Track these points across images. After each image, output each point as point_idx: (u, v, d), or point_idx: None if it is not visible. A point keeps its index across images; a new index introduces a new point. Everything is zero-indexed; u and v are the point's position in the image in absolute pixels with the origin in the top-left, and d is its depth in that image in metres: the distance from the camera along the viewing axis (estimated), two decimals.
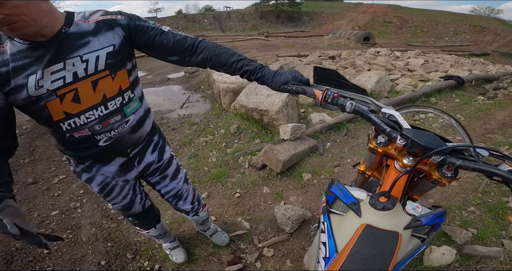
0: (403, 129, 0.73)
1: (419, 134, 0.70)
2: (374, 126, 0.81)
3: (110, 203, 1.20)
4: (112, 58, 0.86)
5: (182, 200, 1.37)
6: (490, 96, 4.81)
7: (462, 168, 0.66)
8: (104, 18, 0.86)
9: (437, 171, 0.75)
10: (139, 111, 1.01)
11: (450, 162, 0.67)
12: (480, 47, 15.36)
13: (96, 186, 1.10)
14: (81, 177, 1.09)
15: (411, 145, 0.71)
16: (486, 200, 2.10)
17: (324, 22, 25.32)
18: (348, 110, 0.84)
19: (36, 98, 0.78)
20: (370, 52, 8.24)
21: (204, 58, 0.96)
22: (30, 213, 2.13)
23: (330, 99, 0.86)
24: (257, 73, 0.93)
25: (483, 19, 23.73)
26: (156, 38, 0.91)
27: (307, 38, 16.11)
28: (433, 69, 6.09)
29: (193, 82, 5.48)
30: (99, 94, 0.86)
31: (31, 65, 0.76)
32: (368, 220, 0.72)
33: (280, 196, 2.17)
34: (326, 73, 0.92)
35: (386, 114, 0.81)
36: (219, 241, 1.73)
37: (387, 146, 0.82)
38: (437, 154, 0.68)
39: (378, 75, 4.30)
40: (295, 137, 2.54)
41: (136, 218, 1.35)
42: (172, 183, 1.29)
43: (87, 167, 1.04)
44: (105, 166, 1.05)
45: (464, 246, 1.65)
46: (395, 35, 20.59)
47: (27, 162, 2.85)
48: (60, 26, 0.79)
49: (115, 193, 1.15)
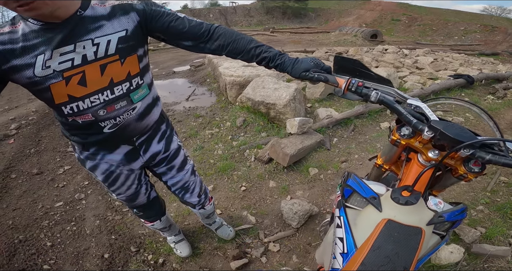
0: (432, 121, 0.70)
1: (449, 126, 0.67)
2: (399, 117, 0.77)
3: (114, 193, 1.18)
4: (123, 43, 0.84)
5: (189, 192, 1.34)
6: (499, 95, 4.74)
7: (491, 163, 0.63)
8: (120, 3, 0.85)
9: (463, 165, 0.72)
10: (147, 98, 0.98)
11: (480, 156, 0.64)
12: (490, 47, 15.13)
13: (100, 174, 1.08)
14: (85, 165, 1.07)
15: (440, 137, 0.68)
16: (494, 199, 2.07)
17: (331, 19, 25.06)
18: (373, 99, 0.80)
19: (40, 78, 0.76)
20: (377, 49, 8.13)
21: (221, 44, 0.93)
22: (34, 204, 2.12)
23: (354, 88, 0.82)
24: (276, 59, 0.90)
25: (494, 18, 23.34)
26: (171, 23, 0.90)
27: (313, 34, 15.98)
28: (442, 67, 6.00)
29: (199, 75, 5.45)
30: (107, 78, 0.84)
31: (40, 45, 0.75)
32: (389, 215, 0.69)
33: (286, 190, 2.14)
34: (347, 63, 0.88)
35: (412, 105, 0.77)
36: (225, 235, 1.71)
37: (411, 138, 0.78)
38: (467, 148, 0.65)
39: (386, 71, 4.24)
40: (302, 132, 2.50)
41: (140, 209, 1.32)
42: (179, 174, 1.26)
43: (92, 154, 1.02)
44: (110, 154, 1.03)
45: (472, 244, 1.64)
46: (403, 33, 20.34)
47: (32, 152, 2.84)
48: (76, 9, 0.78)
49: (120, 182, 1.13)
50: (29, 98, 4.69)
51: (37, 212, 2.03)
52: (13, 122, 3.55)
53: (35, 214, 2.01)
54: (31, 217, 1.99)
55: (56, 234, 1.85)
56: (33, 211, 2.05)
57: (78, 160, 1.08)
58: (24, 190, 2.28)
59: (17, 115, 3.78)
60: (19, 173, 2.51)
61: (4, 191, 2.28)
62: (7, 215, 2.02)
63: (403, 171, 0.83)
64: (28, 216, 2.00)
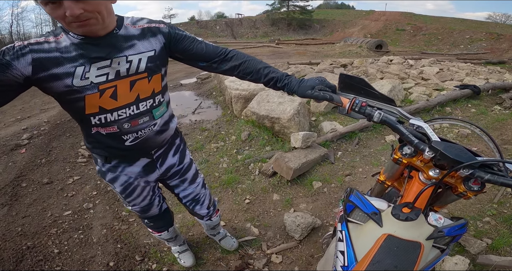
0: (433, 141, 0.73)
1: (449, 147, 0.70)
2: (401, 137, 0.80)
3: (130, 204, 1.23)
4: (151, 62, 0.92)
5: (199, 204, 1.40)
6: (506, 105, 4.68)
7: (490, 182, 0.66)
8: (149, 26, 0.94)
9: (463, 184, 0.74)
10: (165, 115, 1.06)
11: (479, 176, 0.67)
12: (497, 55, 14.97)
13: (119, 186, 1.13)
14: (105, 177, 1.12)
15: (440, 157, 0.70)
16: (501, 211, 2.05)
17: (336, 30, 25.35)
18: (376, 120, 0.83)
19: (78, 88, 0.83)
20: (382, 60, 8.16)
21: (234, 65, 1.02)
22: (43, 212, 2.19)
23: (357, 108, 0.85)
24: (283, 80, 0.96)
25: (499, 26, 23.21)
26: (191, 46, 0.99)
27: (318, 46, 16.15)
28: (448, 77, 5.98)
29: (205, 88, 5.58)
30: (134, 94, 0.91)
31: (80, 58, 0.81)
32: (389, 230, 0.72)
33: (290, 203, 2.17)
34: (352, 81, 0.91)
35: (414, 125, 0.80)
36: (228, 246, 1.74)
37: (412, 157, 0.82)
38: (466, 168, 0.67)
39: (391, 84, 4.26)
40: (306, 146, 2.54)
41: (152, 220, 1.37)
42: (191, 187, 1.32)
43: (113, 166, 1.08)
44: (130, 166, 1.09)
45: (478, 255, 1.63)
46: (408, 43, 20.39)
47: (43, 162, 2.94)
48: (113, 27, 0.86)
49: (136, 194, 1.18)
50: (41, 108, 4.86)
51: (46, 220, 2.10)
52: (25, 132, 3.68)
53: (44, 222, 2.08)
54: (40, 224, 2.06)
55: (63, 241, 1.90)
56: (42, 219, 2.12)
57: (98, 172, 1.13)
58: (34, 199, 2.36)
59: (29, 125, 3.92)
60: (30, 182, 2.60)
61: (14, 199, 2.37)
62: (17, 222, 2.09)
63: (405, 187, 0.86)
64: (37, 223, 2.07)
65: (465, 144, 3.12)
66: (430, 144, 0.72)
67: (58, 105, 3.63)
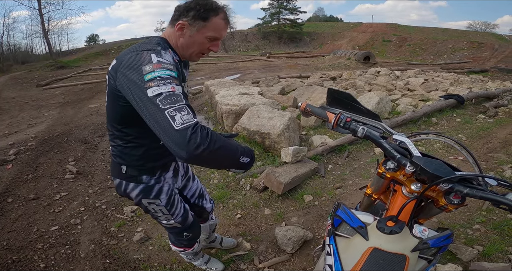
0: (413, 157, 0.76)
1: (429, 162, 0.72)
2: (384, 152, 0.83)
3: (173, 216, 1.22)
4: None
5: (204, 199, 1.49)
6: (491, 114, 4.82)
7: (469, 196, 0.69)
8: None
9: (444, 198, 0.77)
10: None
11: (458, 190, 0.70)
12: (479, 64, 15.52)
13: (164, 197, 1.15)
14: (151, 192, 1.12)
15: (420, 172, 0.73)
16: (491, 218, 2.09)
17: (325, 42, 25.97)
18: (360, 135, 0.86)
19: None
20: (370, 72, 8.40)
21: None
22: (29, 227, 2.17)
23: (342, 123, 0.89)
24: None
25: (479, 34, 24.13)
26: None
27: (308, 59, 16.50)
28: (433, 88, 6.17)
29: (197, 103, 5.61)
30: None
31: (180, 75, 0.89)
32: (375, 244, 0.73)
33: (281, 217, 2.18)
34: (340, 96, 0.95)
35: (397, 141, 0.84)
36: (230, 244, 1.84)
37: (395, 172, 0.84)
38: (445, 182, 0.70)
39: (378, 96, 4.37)
40: (296, 160, 2.57)
41: (190, 230, 1.36)
42: (194, 183, 1.42)
43: (157, 177, 1.12)
44: (167, 173, 1.16)
45: (470, 263, 1.64)
46: (394, 53, 20.98)
47: (30, 178, 2.92)
48: None
49: (176, 201, 1.22)
50: (29, 123, 4.82)
51: (32, 235, 2.08)
52: (12, 147, 3.65)
53: (30, 237, 2.06)
54: (26, 239, 2.03)
55: (50, 256, 1.88)
56: (28, 234, 2.10)
57: (141, 192, 1.10)
58: (20, 214, 2.33)
59: (16, 141, 3.89)
60: (16, 198, 2.57)
61: (0, 214, 2.33)
62: (2, 236, 2.06)
63: (390, 201, 0.89)
64: (22, 238, 2.05)
65: (452, 153, 3.21)
66: (411, 159, 0.76)
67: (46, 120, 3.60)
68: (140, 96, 0.76)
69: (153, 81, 0.75)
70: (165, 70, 0.78)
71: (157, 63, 0.79)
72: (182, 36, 0.94)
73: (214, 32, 0.94)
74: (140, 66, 0.78)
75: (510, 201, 0.63)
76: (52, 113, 5.52)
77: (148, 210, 1.18)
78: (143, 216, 2.28)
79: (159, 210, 1.17)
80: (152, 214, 1.21)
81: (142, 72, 0.77)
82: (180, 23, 0.91)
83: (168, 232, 1.40)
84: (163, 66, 0.79)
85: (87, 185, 2.80)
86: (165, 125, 0.72)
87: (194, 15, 0.90)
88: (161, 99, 0.74)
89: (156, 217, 1.22)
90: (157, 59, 0.80)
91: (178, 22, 0.92)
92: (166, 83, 0.76)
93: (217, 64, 13.83)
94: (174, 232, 1.33)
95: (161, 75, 0.77)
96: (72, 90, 8.24)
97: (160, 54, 0.83)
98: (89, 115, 5.17)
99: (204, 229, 1.61)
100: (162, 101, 0.73)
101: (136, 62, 0.80)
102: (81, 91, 8.03)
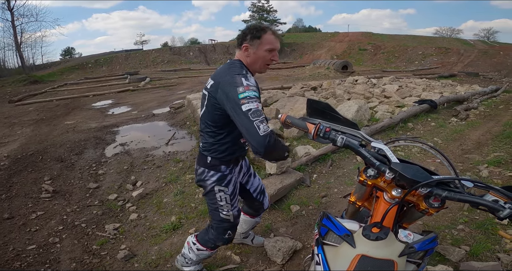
0: (392, 163, 0.78)
1: (406, 168, 0.75)
2: (364, 160, 0.85)
3: (232, 207, 1.39)
4: None
5: (265, 195, 1.64)
6: (462, 117, 5.08)
7: (448, 199, 0.71)
8: None
9: (424, 201, 0.78)
10: None
11: (437, 193, 0.72)
12: (447, 69, 16.49)
13: (232, 186, 1.36)
14: (224, 180, 1.33)
15: (399, 178, 0.75)
16: (473, 218, 2.15)
17: (305, 53, 26.70)
18: (339, 144, 0.88)
19: None
20: (349, 80, 8.69)
21: None
22: (4, 247, 2.07)
23: (322, 133, 0.90)
24: None
25: (446, 40, 25.75)
26: None
27: (289, 69, 16.87)
28: (407, 94, 6.45)
29: (179, 118, 5.54)
30: None
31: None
32: (362, 251, 0.73)
33: (269, 228, 2.15)
34: (319, 106, 0.98)
35: (375, 148, 0.86)
36: (260, 243, 1.92)
37: (376, 178, 0.86)
38: (424, 187, 0.72)
39: (357, 104, 4.51)
40: (281, 171, 2.57)
41: (234, 229, 1.48)
42: (256, 179, 1.58)
43: (231, 168, 1.35)
44: (236, 167, 1.40)
45: (460, 263, 1.66)
46: (370, 61, 21.89)
47: (3, 198, 2.79)
48: None
49: (237, 193, 1.42)
50: (1, 142, 4.56)
51: (8, 254, 2.00)
52: None
53: (6, 256, 1.98)
54: (2, 258, 1.95)
55: None
56: (4, 253, 2.01)
57: (218, 179, 1.33)
58: None
59: None
60: None
61: None
62: None
63: (374, 207, 0.90)
64: None
65: (430, 157, 3.33)
66: (389, 165, 0.77)
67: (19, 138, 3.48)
68: (236, 109, 1.06)
69: (245, 99, 1.06)
70: (252, 92, 1.08)
71: (246, 86, 1.09)
72: (249, 55, 1.23)
73: (269, 44, 1.21)
74: (236, 88, 1.08)
75: (488, 201, 0.65)
76: (26, 131, 5.24)
77: (215, 198, 1.36)
78: (127, 233, 2.20)
79: (224, 198, 1.35)
80: (216, 203, 1.36)
81: (237, 92, 1.07)
82: (245, 45, 1.22)
83: (215, 227, 1.44)
84: (250, 88, 1.09)
85: (64, 204, 2.67)
86: (253, 132, 1.03)
87: (251, 37, 1.20)
88: (251, 113, 1.04)
89: (217, 207, 1.37)
90: (246, 82, 1.10)
91: (243, 45, 1.22)
92: (253, 101, 1.07)
93: (199, 77, 13.79)
94: (222, 227, 1.43)
95: (249, 95, 1.07)
96: (47, 106, 7.86)
97: (247, 78, 1.12)
98: (65, 133, 4.95)
99: (249, 223, 1.76)
100: (251, 115, 1.04)
101: (232, 84, 1.10)
102: (57, 107, 7.68)
